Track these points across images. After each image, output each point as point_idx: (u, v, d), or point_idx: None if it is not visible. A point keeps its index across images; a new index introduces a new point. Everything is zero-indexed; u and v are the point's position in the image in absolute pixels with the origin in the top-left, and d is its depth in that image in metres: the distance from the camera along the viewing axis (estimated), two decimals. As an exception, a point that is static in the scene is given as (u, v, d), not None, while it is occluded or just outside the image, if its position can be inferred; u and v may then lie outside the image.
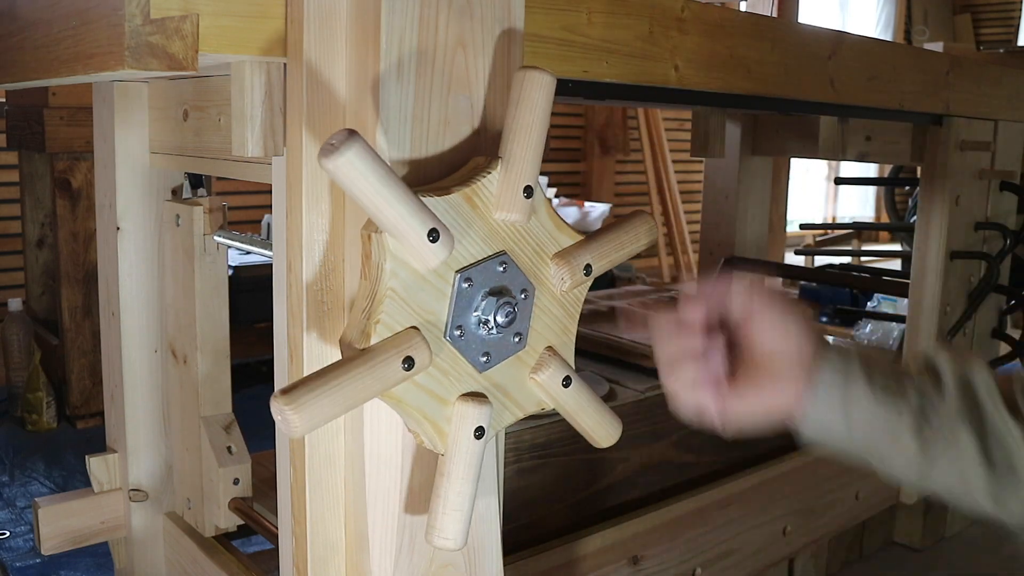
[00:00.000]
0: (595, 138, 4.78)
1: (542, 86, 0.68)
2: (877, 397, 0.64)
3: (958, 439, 0.63)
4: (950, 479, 0.64)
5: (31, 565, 1.65)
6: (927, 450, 0.64)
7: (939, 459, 0.64)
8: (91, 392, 2.37)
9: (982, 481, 0.63)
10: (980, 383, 0.65)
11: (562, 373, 0.74)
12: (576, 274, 0.73)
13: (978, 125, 1.69)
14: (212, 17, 0.68)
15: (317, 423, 0.60)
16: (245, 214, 3.34)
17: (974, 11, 6.81)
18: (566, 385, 0.74)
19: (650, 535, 1.24)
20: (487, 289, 0.69)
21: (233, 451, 1.07)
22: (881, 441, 0.64)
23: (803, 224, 3.13)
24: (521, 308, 0.71)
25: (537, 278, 0.72)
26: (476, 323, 0.69)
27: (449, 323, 0.67)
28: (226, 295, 1.08)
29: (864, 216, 6.84)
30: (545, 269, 0.73)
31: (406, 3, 0.67)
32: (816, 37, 1.27)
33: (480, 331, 0.69)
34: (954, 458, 0.63)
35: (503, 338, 0.70)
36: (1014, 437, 0.63)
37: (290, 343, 0.77)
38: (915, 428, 0.64)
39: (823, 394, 0.64)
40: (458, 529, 0.67)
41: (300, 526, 0.78)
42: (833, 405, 0.64)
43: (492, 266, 0.69)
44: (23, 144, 2.42)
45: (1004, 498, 0.64)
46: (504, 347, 0.71)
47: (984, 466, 0.63)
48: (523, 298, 0.71)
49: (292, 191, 0.75)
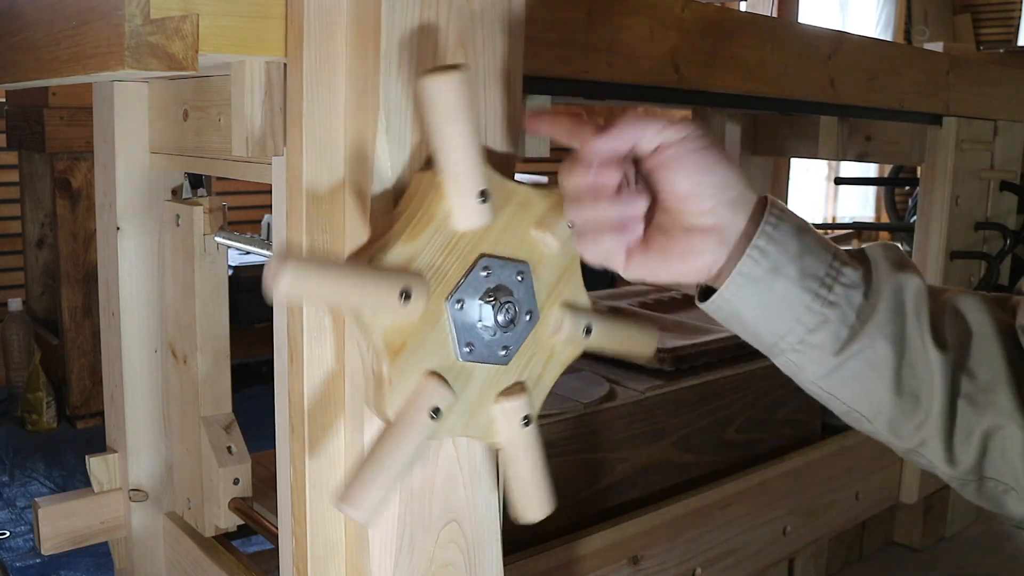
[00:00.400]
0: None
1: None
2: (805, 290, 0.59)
3: (875, 349, 0.59)
4: (854, 387, 0.60)
5: (31, 565, 1.65)
6: (841, 350, 0.59)
7: (849, 362, 0.59)
8: (91, 392, 2.37)
9: (886, 403, 0.60)
10: (910, 296, 0.60)
11: (523, 412, 0.71)
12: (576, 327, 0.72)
13: (978, 125, 1.69)
14: (212, 17, 0.68)
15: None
16: (245, 214, 3.34)
17: (974, 11, 6.81)
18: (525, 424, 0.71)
19: (650, 535, 1.24)
20: (479, 298, 0.68)
21: (233, 451, 1.07)
22: (792, 331, 0.60)
23: (803, 224, 3.12)
24: (519, 326, 0.69)
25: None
26: (476, 310, 0.68)
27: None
28: (226, 295, 1.08)
29: (864, 216, 6.84)
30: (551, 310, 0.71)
31: (406, 3, 0.67)
32: (816, 37, 1.27)
33: (476, 319, 0.68)
34: (865, 368, 0.59)
35: (491, 342, 0.69)
36: (927, 365, 0.59)
37: (290, 343, 0.77)
38: (835, 330, 0.59)
39: (742, 286, 0.59)
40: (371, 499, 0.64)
41: (300, 526, 0.78)
42: (751, 300, 0.59)
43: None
44: (23, 144, 2.42)
45: (900, 425, 0.60)
46: (488, 351, 0.69)
47: (892, 389, 0.59)
48: (526, 320, 0.70)
49: (292, 191, 0.75)
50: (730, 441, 1.43)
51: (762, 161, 2.08)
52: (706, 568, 1.34)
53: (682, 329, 1.47)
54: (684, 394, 1.33)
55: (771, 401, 1.48)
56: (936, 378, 0.59)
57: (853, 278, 0.60)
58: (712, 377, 1.37)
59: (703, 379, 1.35)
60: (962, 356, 0.60)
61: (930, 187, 1.68)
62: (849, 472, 1.60)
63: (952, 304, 0.62)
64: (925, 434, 0.60)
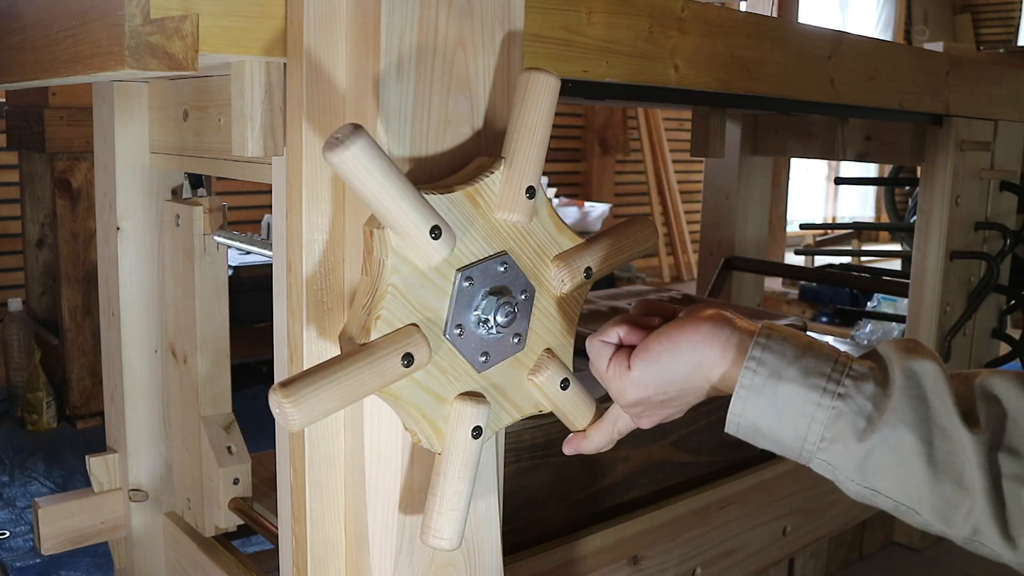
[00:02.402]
0: (595, 138, 4.78)
1: (547, 87, 0.68)
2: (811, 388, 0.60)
3: (898, 436, 0.58)
4: (889, 479, 0.59)
5: (31, 565, 1.65)
6: (863, 439, 0.59)
7: (876, 452, 0.59)
8: (91, 392, 2.37)
9: (926, 492, 0.58)
10: (928, 381, 0.59)
11: (560, 375, 0.74)
12: (576, 276, 0.73)
13: (978, 125, 1.69)
14: (212, 17, 0.68)
15: (316, 417, 0.60)
16: (245, 214, 3.34)
17: (974, 11, 6.81)
18: (564, 388, 0.74)
19: (650, 535, 1.24)
20: (487, 288, 0.69)
21: (233, 451, 1.07)
22: (811, 430, 0.60)
23: (803, 224, 3.14)
24: (521, 308, 0.71)
25: (537, 279, 0.72)
26: (476, 322, 0.69)
27: (449, 321, 0.67)
28: (226, 295, 1.08)
29: (864, 216, 6.84)
30: (546, 271, 0.73)
31: (406, 3, 0.67)
32: (816, 37, 1.27)
33: (480, 330, 0.69)
34: (892, 457, 0.58)
35: (502, 338, 0.70)
36: (961, 448, 0.57)
37: (290, 343, 0.77)
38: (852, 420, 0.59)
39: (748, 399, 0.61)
40: (454, 528, 0.67)
41: (300, 526, 0.78)
42: (761, 410, 0.61)
43: (493, 266, 0.69)
44: (23, 144, 2.42)
45: (949, 514, 0.58)
46: (503, 347, 0.71)
47: (928, 477, 0.58)
48: (523, 299, 0.71)
49: (292, 191, 0.75)
50: (730, 441, 1.42)
51: (762, 161, 2.08)
52: (706, 568, 1.34)
53: (682, 329, 1.47)
54: (684, 394, 1.33)
55: (771, 401, 1.48)
56: (972, 460, 0.58)
57: (861, 370, 0.60)
58: (712, 377, 1.37)
59: (703, 379, 1.35)
60: (999, 436, 0.59)
61: (930, 187, 1.68)
62: (849, 472, 1.60)
63: (982, 386, 0.61)
64: (976, 520, 0.58)
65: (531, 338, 0.72)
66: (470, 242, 0.68)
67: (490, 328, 0.69)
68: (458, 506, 0.67)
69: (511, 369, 0.72)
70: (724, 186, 2.07)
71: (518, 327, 0.71)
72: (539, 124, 0.68)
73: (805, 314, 3.69)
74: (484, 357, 0.70)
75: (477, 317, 0.69)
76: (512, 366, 0.72)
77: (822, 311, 3.60)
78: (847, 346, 2.00)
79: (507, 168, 0.68)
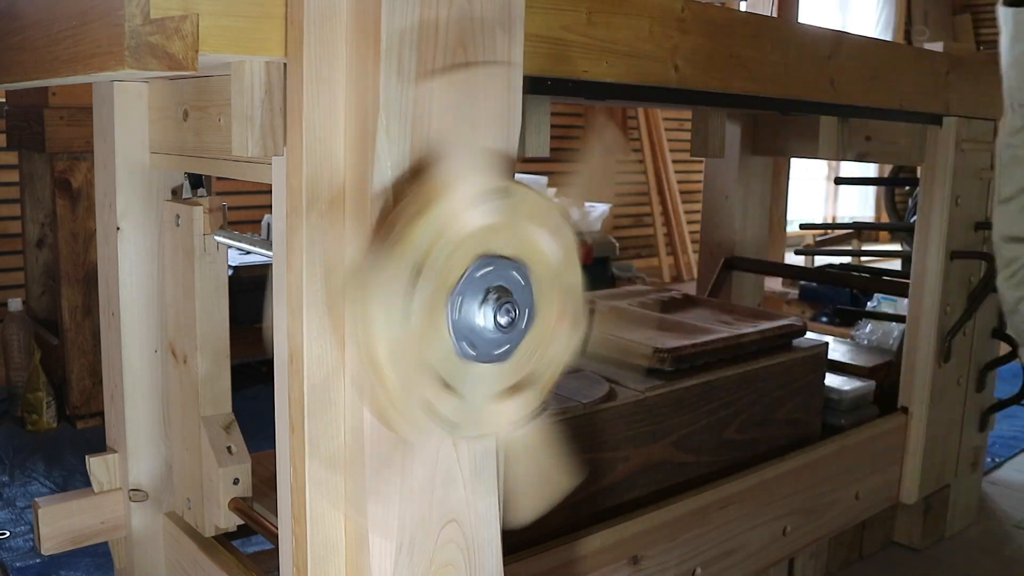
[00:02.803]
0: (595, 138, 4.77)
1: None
2: None
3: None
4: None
5: (31, 565, 1.65)
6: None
7: None
8: (91, 392, 2.37)
9: None
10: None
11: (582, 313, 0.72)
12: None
13: (978, 125, 1.69)
14: (212, 17, 0.68)
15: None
16: (245, 214, 3.34)
17: (974, 11, 6.81)
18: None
19: (650, 535, 1.24)
20: (480, 296, 0.68)
21: (233, 451, 1.07)
22: None
23: (803, 224, 3.14)
24: (517, 328, 0.69)
25: (527, 251, 0.70)
26: (477, 306, 0.68)
27: (460, 282, 0.66)
28: (226, 295, 1.08)
29: (864, 216, 6.84)
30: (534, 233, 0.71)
31: (406, 3, 0.67)
32: (816, 37, 1.27)
33: (476, 315, 0.68)
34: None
35: (491, 340, 0.69)
36: None
37: (290, 343, 0.77)
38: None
39: None
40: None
41: (300, 526, 0.78)
42: None
43: (515, 270, 0.68)
44: (23, 144, 2.42)
45: None
46: (487, 349, 0.69)
47: None
48: (518, 279, 0.69)
49: (292, 191, 0.75)
50: (730, 441, 1.43)
51: (762, 161, 2.08)
52: (706, 568, 1.34)
53: (682, 329, 1.47)
54: (684, 394, 1.33)
55: (771, 401, 1.48)
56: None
57: None
58: (712, 377, 1.37)
59: (703, 379, 1.35)
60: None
61: (930, 187, 1.68)
62: (849, 472, 1.60)
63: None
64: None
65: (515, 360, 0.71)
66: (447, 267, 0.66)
67: (486, 321, 0.68)
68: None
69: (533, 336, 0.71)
70: (724, 186, 2.07)
71: (509, 342, 0.70)
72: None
73: (805, 314, 3.69)
74: (469, 347, 0.68)
75: (479, 302, 0.67)
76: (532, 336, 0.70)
77: (822, 311, 3.60)
78: (847, 346, 2.01)
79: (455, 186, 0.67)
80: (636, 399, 1.26)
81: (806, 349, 1.53)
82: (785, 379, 1.50)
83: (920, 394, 1.71)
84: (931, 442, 1.74)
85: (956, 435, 1.83)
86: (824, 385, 1.60)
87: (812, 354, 1.54)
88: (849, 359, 1.84)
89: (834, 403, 1.65)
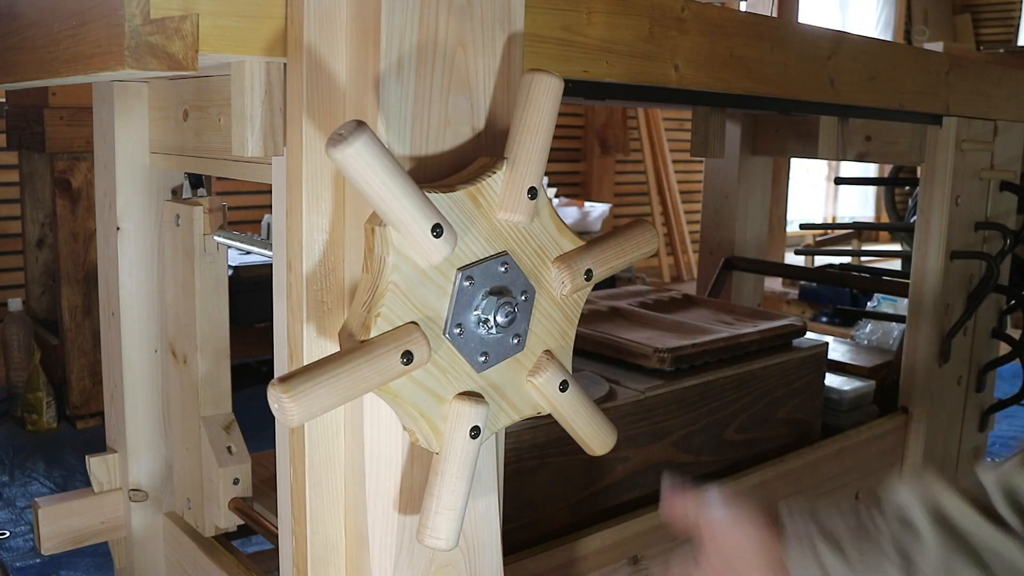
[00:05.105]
0: (595, 138, 4.78)
1: (550, 89, 0.69)
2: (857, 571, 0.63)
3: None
4: None
5: (31, 565, 1.65)
6: None
7: None
8: (91, 392, 2.37)
9: None
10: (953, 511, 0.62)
11: (559, 377, 0.74)
12: (577, 278, 0.73)
13: (978, 125, 1.69)
14: (212, 17, 0.68)
15: (314, 412, 0.60)
16: (245, 214, 3.35)
17: (974, 11, 6.81)
18: (563, 390, 0.74)
19: (650, 535, 1.24)
20: (488, 288, 0.69)
21: (233, 451, 1.07)
22: None
23: (803, 224, 3.14)
24: (521, 309, 0.71)
25: (538, 280, 0.72)
26: (476, 322, 0.69)
27: (449, 320, 0.67)
28: (226, 295, 1.08)
29: (864, 216, 6.84)
30: (546, 272, 0.73)
31: (406, 3, 0.67)
32: (816, 37, 1.27)
33: (479, 330, 0.69)
34: None
35: (502, 339, 0.70)
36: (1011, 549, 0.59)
37: (290, 343, 0.77)
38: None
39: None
40: (451, 528, 0.67)
41: (300, 526, 0.78)
42: None
43: (494, 266, 0.69)
44: (23, 144, 2.42)
45: None
46: (503, 348, 0.71)
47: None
48: (523, 300, 0.71)
49: (292, 191, 0.75)
50: (730, 441, 1.43)
51: (762, 161, 2.08)
52: (706, 568, 1.34)
53: (682, 329, 1.47)
54: (684, 394, 1.33)
55: (771, 401, 1.48)
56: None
57: None
58: (712, 377, 1.37)
59: (703, 379, 1.35)
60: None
61: (930, 187, 1.68)
62: (849, 472, 1.60)
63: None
64: None
65: (531, 339, 0.72)
66: (471, 241, 0.68)
67: (490, 328, 0.69)
68: (455, 506, 0.67)
69: (510, 370, 0.72)
70: (724, 186, 2.07)
71: (518, 328, 0.71)
72: (542, 125, 0.68)
73: (805, 314, 3.69)
74: (483, 357, 0.70)
75: (477, 317, 0.69)
76: (511, 367, 0.72)
77: (822, 311, 3.60)
78: (847, 346, 2.01)
79: (509, 168, 0.68)
80: (636, 399, 1.26)
81: (806, 349, 1.53)
82: (785, 379, 1.50)
83: (920, 394, 1.71)
84: (931, 442, 1.74)
85: (956, 435, 1.83)
86: (824, 385, 1.60)
87: (812, 354, 1.54)
88: (849, 359, 1.84)
89: (834, 403, 1.65)
